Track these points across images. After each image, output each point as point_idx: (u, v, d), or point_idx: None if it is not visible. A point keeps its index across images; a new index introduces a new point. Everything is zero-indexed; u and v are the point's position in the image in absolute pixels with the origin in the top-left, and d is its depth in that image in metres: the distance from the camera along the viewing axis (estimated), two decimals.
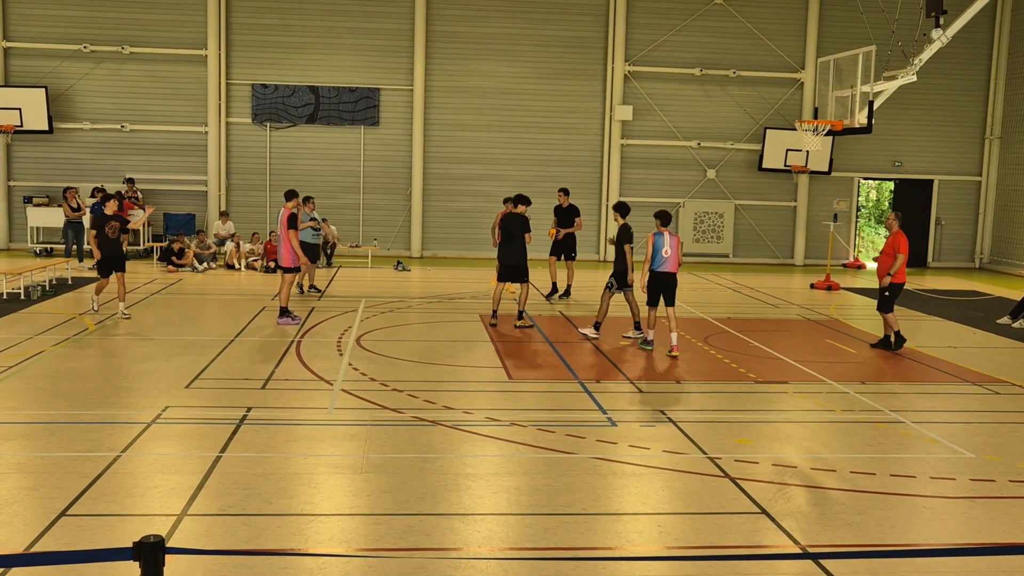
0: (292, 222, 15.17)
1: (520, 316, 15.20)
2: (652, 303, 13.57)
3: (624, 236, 14.34)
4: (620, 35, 26.45)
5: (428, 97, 26.31)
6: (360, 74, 26.15)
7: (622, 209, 14.70)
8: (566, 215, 18.62)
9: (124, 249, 15.61)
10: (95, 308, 15.20)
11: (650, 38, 26.70)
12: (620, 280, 14.31)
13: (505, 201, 17.49)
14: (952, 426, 10.00)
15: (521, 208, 15.73)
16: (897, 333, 14.01)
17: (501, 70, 26.50)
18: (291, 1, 25.74)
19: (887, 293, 14.03)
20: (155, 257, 22.91)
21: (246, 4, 25.64)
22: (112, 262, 14.84)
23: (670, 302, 13.45)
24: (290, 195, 15.83)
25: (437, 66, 26.31)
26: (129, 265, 15.85)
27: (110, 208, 14.98)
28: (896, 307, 18.03)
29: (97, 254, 14.81)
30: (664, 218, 13.51)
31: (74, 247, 22.26)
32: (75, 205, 22.19)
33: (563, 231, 18.25)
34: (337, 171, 26.27)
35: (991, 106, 28.09)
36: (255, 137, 26.10)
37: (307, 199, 18.59)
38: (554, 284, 18.81)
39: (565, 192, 18.97)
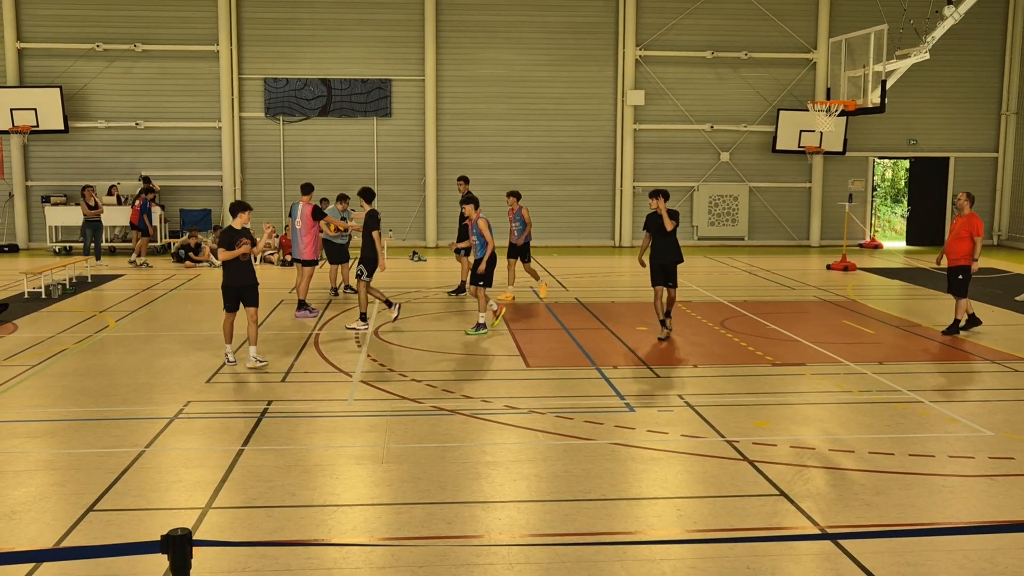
0: (317, 214, 15.23)
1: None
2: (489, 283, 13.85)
3: (372, 223, 14.01)
4: (630, 20, 26.37)
5: (440, 87, 26.34)
6: (371, 66, 26.20)
7: (367, 195, 14.41)
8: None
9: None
10: (230, 359, 11.60)
11: (660, 22, 26.61)
12: (369, 267, 14.02)
13: (509, 195, 16.94)
14: (970, 404, 10.00)
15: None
16: (972, 315, 13.89)
17: (512, 58, 26.49)
18: None
19: (961, 276, 13.76)
20: (174, 250, 23.03)
21: None
22: (241, 293, 11.57)
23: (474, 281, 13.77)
24: (307, 189, 15.72)
25: (448, 56, 26.32)
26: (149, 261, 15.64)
27: (240, 221, 11.62)
28: (915, 286, 17.91)
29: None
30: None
31: (92, 245, 22.42)
32: (92, 203, 22.35)
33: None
34: (351, 163, 26.35)
35: (1006, 81, 27.87)
36: (268, 131, 26.20)
37: (341, 197, 17.33)
38: (462, 283, 17.37)
39: (464, 180, 17.76)
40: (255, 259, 22.43)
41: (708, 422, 9.09)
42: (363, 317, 14.05)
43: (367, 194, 14.52)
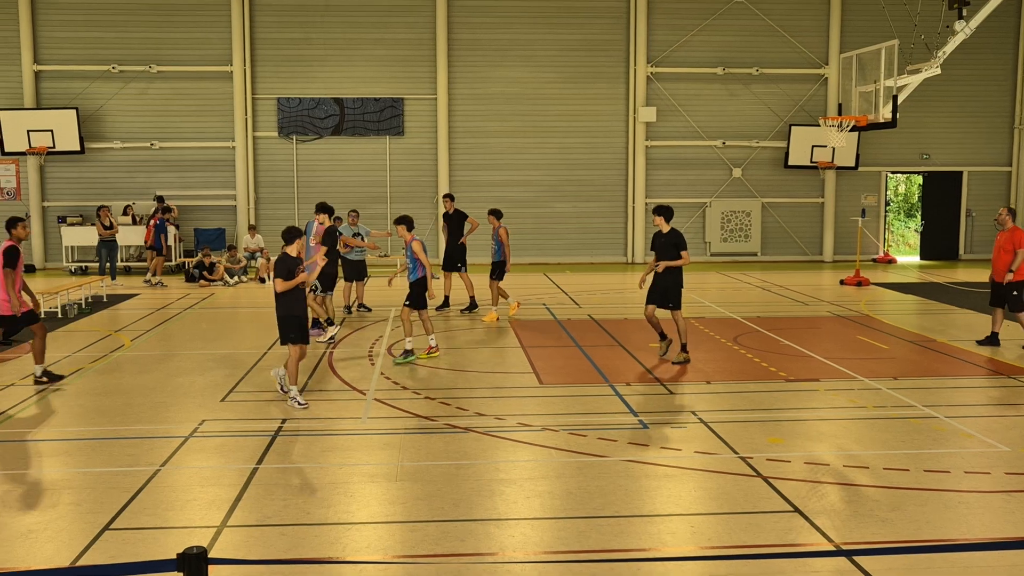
0: (328, 238, 14.98)
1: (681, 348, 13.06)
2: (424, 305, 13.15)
3: (329, 239, 14.50)
4: (641, 37, 26.47)
5: (452, 105, 26.47)
6: (384, 84, 26.36)
7: (325, 210, 15.06)
8: (454, 222, 17.50)
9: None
10: (300, 403, 10.30)
11: (671, 39, 26.71)
12: (324, 282, 14.44)
13: (490, 213, 16.73)
14: (987, 420, 9.95)
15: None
16: (995, 334, 13.80)
17: (524, 76, 26.61)
18: (313, 14, 26.00)
19: (1016, 292, 13.62)
20: (190, 268, 23.16)
21: (269, 19, 25.94)
22: (291, 325, 10.50)
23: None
24: (322, 208, 15.34)
25: (460, 74, 26.46)
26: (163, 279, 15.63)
27: (295, 248, 10.50)
28: (929, 301, 17.85)
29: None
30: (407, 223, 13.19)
31: (107, 265, 22.57)
32: (108, 223, 22.51)
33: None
34: (364, 181, 26.48)
35: (1019, 95, 27.83)
36: (282, 150, 26.37)
37: (350, 212, 17.56)
38: (446, 297, 17.71)
39: (450, 198, 18.01)
40: (267, 278, 22.63)
41: (722, 439, 9.07)
42: (329, 322, 14.47)
43: (325, 208, 14.76)
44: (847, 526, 6.89)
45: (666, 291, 12.68)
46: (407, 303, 13.07)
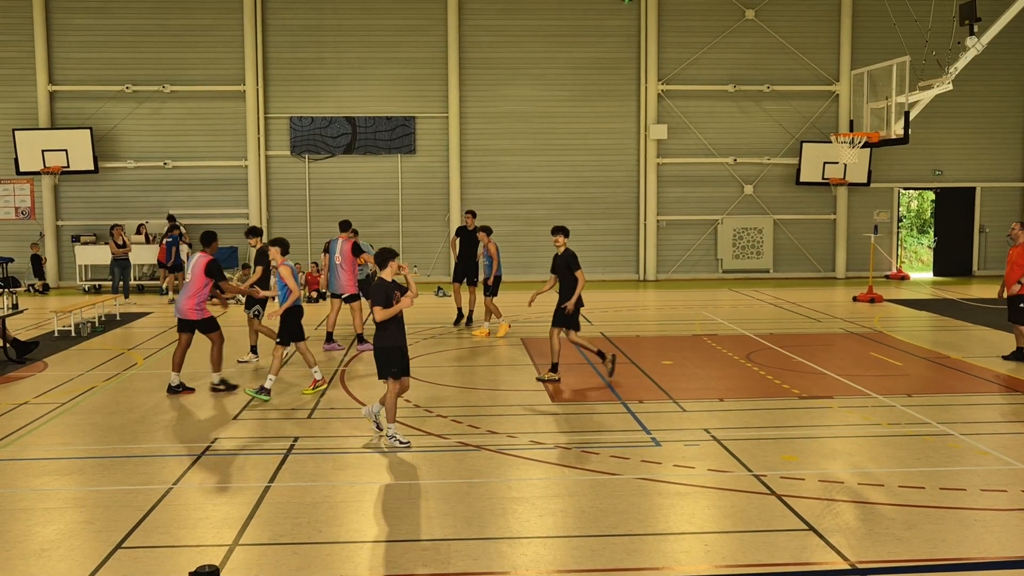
0: (356, 250, 15.44)
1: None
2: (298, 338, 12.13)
3: (260, 260, 13.87)
4: (652, 55, 26.53)
5: (463, 123, 26.56)
6: (395, 103, 26.48)
7: (255, 234, 14.49)
8: (473, 239, 17.74)
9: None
10: (401, 441, 9.53)
11: (682, 56, 26.76)
12: (251, 302, 14.06)
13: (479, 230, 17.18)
14: (1002, 437, 9.87)
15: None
16: (1021, 348, 13.73)
17: (535, 94, 26.70)
18: (325, 34, 26.17)
19: (1022, 305, 13.65)
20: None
21: (282, 39, 26.11)
22: (392, 357, 9.79)
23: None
24: (345, 225, 15.70)
25: (471, 92, 26.56)
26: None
27: (391, 271, 9.67)
28: (943, 317, 17.80)
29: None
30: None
31: (120, 283, 22.65)
32: (120, 242, 22.62)
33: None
34: (376, 199, 26.56)
35: None
36: (294, 169, 26.49)
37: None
38: (459, 310, 18.10)
39: (472, 214, 18.35)
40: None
41: (735, 456, 9.03)
42: (253, 350, 14.47)
43: (255, 232, 14.45)
44: (862, 544, 6.83)
45: (571, 314, 12.48)
46: (277, 339, 11.98)
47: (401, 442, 9.42)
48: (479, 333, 16.70)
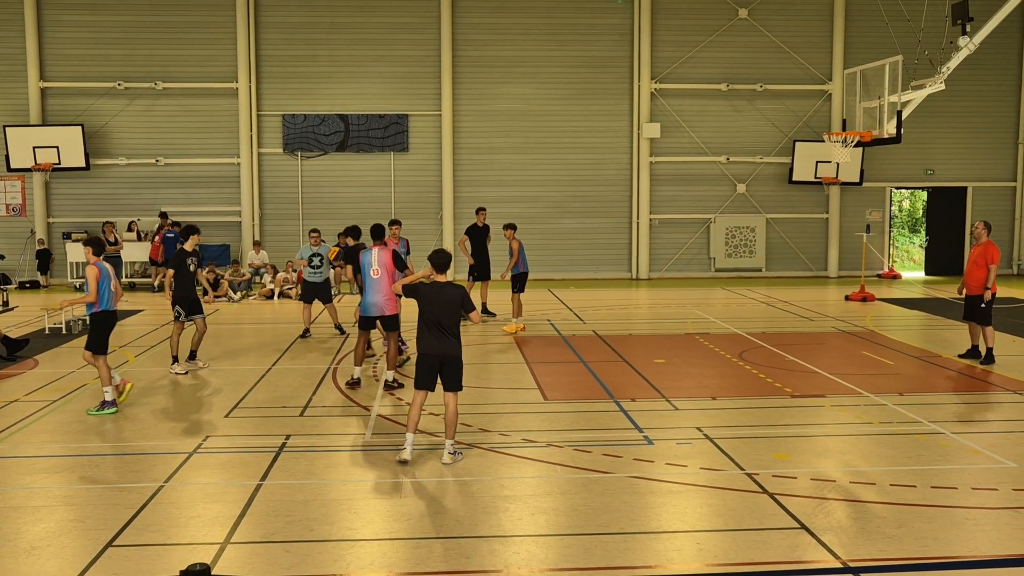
0: (399, 262, 12.21)
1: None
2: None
3: (176, 261, 13.28)
4: (645, 53, 26.54)
5: (456, 121, 26.53)
6: (388, 101, 26.44)
7: (189, 232, 13.62)
8: (484, 235, 18.40)
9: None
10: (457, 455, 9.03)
11: (675, 55, 26.77)
12: (186, 307, 13.29)
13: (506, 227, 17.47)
14: (993, 436, 9.90)
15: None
16: (990, 349, 13.78)
17: (528, 92, 26.69)
18: (319, 31, 26.12)
19: (983, 305, 13.69)
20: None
21: (275, 36, 26.05)
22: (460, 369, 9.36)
23: None
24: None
25: (464, 90, 26.53)
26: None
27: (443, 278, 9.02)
28: (935, 316, 17.87)
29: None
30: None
31: None
32: (112, 239, 22.53)
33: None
34: (368, 197, 26.52)
35: (1023, 111, 27.82)
36: (287, 167, 26.44)
37: (312, 231, 17.01)
38: (484, 305, 18.60)
39: (483, 211, 18.78)
40: (275, 295, 22.64)
41: (727, 455, 9.04)
42: (175, 359, 13.31)
43: (189, 231, 13.59)
44: (854, 543, 6.84)
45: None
46: (86, 346, 11.03)
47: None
48: (509, 328, 16.81)
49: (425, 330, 8.93)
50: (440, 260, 9.15)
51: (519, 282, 17.27)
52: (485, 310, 18.38)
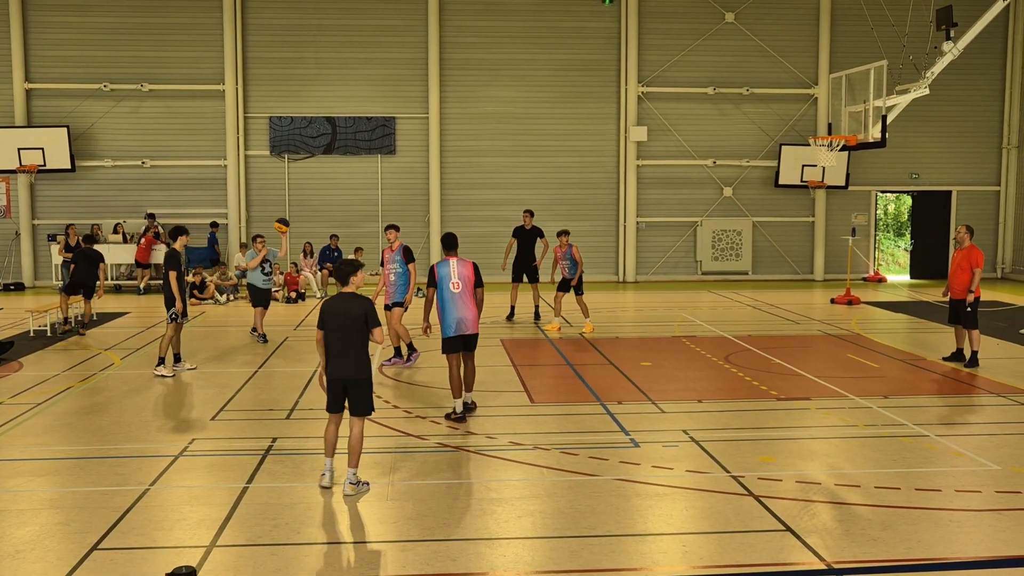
0: (409, 255, 13.74)
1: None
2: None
3: (170, 263, 13.15)
4: (632, 57, 26.60)
5: (444, 124, 26.53)
6: (376, 103, 26.42)
7: (177, 233, 13.43)
8: (530, 238, 18.70)
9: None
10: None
11: (662, 59, 26.84)
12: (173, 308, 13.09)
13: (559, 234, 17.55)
14: (977, 438, 9.97)
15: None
16: (974, 353, 13.87)
17: (515, 95, 26.71)
18: (306, 34, 26.08)
19: (969, 309, 13.79)
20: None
21: (262, 38, 26.00)
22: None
23: None
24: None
25: (452, 93, 26.54)
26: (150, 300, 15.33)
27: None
28: (919, 319, 17.98)
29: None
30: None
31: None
32: (74, 243, 22.36)
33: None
34: (355, 200, 26.49)
35: (1007, 115, 28.02)
36: (273, 169, 26.38)
37: (255, 237, 16.76)
38: (512, 308, 18.81)
39: (530, 213, 19.06)
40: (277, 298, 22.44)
41: (713, 457, 9.07)
42: (163, 361, 13.26)
43: (177, 232, 13.44)
44: (839, 545, 6.88)
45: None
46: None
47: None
48: (551, 328, 17.16)
49: (330, 349, 8.21)
50: (343, 271, 8.27)
51: (578, 285, 17.37)
52: (536, 315, 18.74)
